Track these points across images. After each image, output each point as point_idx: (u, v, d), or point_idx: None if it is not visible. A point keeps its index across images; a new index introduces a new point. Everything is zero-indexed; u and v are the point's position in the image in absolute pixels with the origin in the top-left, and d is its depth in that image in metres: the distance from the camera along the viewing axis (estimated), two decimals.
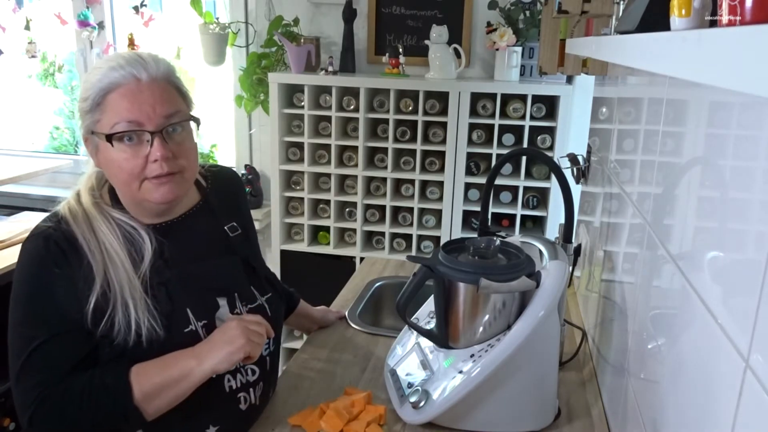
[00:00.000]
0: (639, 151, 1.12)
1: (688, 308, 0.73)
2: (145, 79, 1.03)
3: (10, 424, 2.20)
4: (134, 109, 1.01)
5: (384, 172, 2.68)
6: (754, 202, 0.58)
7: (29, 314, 1.02)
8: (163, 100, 1.03)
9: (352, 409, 1.17)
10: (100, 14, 3.02)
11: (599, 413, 1.23)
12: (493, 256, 1.16)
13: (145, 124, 1.01)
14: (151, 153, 1.02)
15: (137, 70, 1.02)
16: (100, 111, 1.02)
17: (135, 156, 1.02)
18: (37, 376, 0.99)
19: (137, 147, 1.02)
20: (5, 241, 2.11)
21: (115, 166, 1.03)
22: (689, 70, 0.46)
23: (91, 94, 1.03)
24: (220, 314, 1.12)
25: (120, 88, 1.01)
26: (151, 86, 1.03)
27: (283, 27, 2.75)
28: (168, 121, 1.03)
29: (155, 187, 1.04)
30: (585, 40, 1.27)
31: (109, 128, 1.01)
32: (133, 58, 1.05)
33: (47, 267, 1.02)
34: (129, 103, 1.01)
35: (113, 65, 1.02)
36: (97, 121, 1.03)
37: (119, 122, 1.01)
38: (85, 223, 1.06)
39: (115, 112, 1.01)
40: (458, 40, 2.68)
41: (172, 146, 1.04)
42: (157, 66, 1.05)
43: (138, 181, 1.04)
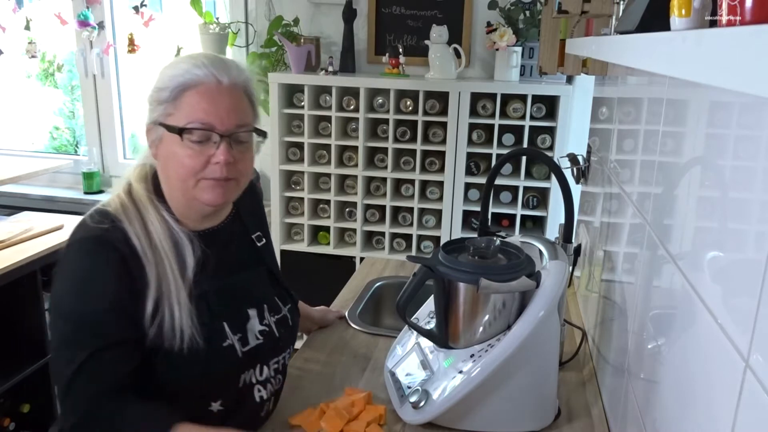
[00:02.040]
0: (639, 151, 1.12)
1: (688, 308, 0.73)
2: (226, 83, 1.03)
3: (10, 424, 2.21)
4: (210, 111, 1.02)
5: (384, 172, 2.68)
6: (754, 202, 0.58)
7: (85, 322, 0.99)
8: (237, 108, 1.05)
9: (352, 409, 1.17)
10: (100, 14, 3.02)
11: (599, 413, 1.23)
12: (493, 256, 1.16)
13: (216, 126, 1.02)
14: (215, 155, 1.02)
15: (219, 73, 1.03)
16: (174, 105, 1.03)
17: (199, 154, 1.02)
18: (91, 387, 0.97)
19: (203, 146, 1.03)
20: (5, 241, 2.11)
21: (176, 160, 1.04)
22: (689, 70, 0.46)
23: (169, 86, 1.03)
24: (251, 326, 1.13)
25: (200, 86, 1.02)
26: (230, 91, 1.04)
27: (283, 27, 2.75)
28: (237, 129, 1.04)
29: (210, 188, 1.05)
30: (585, 40, 1.27)
31: (181, 123, 1.02)
32: (218, 60, 1.06)
33: (105, 273, 1.00)
34: (206, 103, 1.02)
35: (197, 63, 1.03)
36: (170, 114, 1.03)
37: (193, 121, 1.01)
38: (137, 219, 1.04)
39: (190, 109, 1.02)
40: (458, 40, 2.68)
41: (234, 153, 1.04)
42: (238, 73, 1.06)
43: (195, 179, 1.04)
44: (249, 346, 1.11)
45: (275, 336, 1.17)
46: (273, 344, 1.16)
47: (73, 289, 1.01)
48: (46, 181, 3.21)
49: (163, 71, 1.06)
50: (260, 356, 1.13)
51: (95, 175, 3.16)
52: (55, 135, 3.74)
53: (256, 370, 1.12)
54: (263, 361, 1.14)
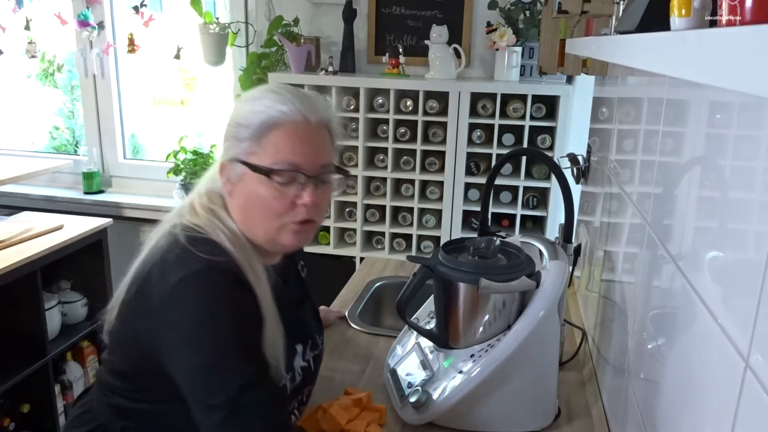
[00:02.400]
0: (639, 151, 1.12)
1: (688, 308, 0.73)
2: (313, 121, 0.99)
3: (10, 424, 2.21)
4: (297, 152, 0.97)
5: (384, 172, 2.68)
6: (754, 202, 0.58)
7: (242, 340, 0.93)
8: (323, 148, 1.01)
9: (352, 409, 1.17)
10: (100, 14, 3.02)
11: (599, 413, 1.23)
12: (493, 256, 1.16)
13: (304, 167, 0.98)
14: (301, 197, 0.98)
15: (307, 111, 0.99)
16: (258, 144, 0.98)
17: (284, 196, 0.98)
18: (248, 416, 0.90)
19: (288, 188, 0.98)
20: (5, 241, 2.11)
21: (260, 201, 0.98)
22: (689, 70, 0.46)
23: (252, 123, 0.98)
24: (296, 362, 1.09)
25: (287, 125, 0.97)
26: (318, 129, 1.00)
27: (283, 27, 2.75)
28: (323, 170, 1.01)
29: (292, 233, 1.01)
30: (585, 40, 1.27)
31: (268, 164, 0.97)
32: (303, 96, 1.01)
33: (237, 302, 0.94)
34: (294, 144, 0.98)
35: (282, 98, 0.99)
36: (252, 153, 0.98)
37: (280, 162, 0.97)
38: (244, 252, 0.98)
39: (277, 149, 0.97)
40: (458, 40, 2.68)
41: (319, 193, 1.00)
42: (324, 110, 1.02)
43: (279, 221, 1.00)
44: (294, 384, 1.08)
45: (311, 372, 1.15)
46: (308, 381, 1.14)
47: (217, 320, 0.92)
48: (46, 181, 3.21)
49: (242, 105, 1.01)
50: (297, 394, 1.11)
51: (95, 175, 3.16)
52: (55, 135, 3.74)
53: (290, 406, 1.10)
54: (296, 396, 1.11)
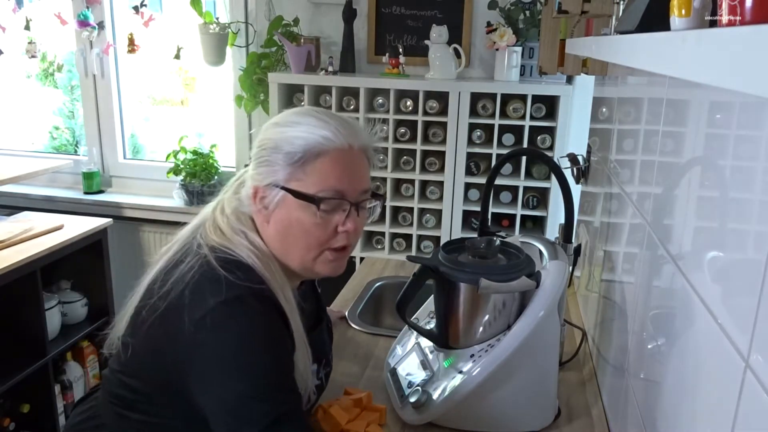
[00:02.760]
0: (639, 151, 1.12)
1: (688, 308, 0.73)
2: (357, 148, 1.00)
3: (10, 424, 2.21)
4: (344, 179, 0.97)
5: (384, 172, 2.67)
6: (754, 202, 0.58)
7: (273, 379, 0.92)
8: (364, 174, 1.01)
9: (352, 409, 1.17)
10: (100, 14, 3.02)
11: (599, 413, 1.23)
12: (493, 256, 1.16)
13: (347, 194, 0.98)
14: (344, 223, 0.98)
15: (350, 137, 0.99)
16: (303, 170, 0.96)
17: (327, 223, 0.98)
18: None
19: (331, 215, 0.98)
20: (5, 241, 2.11)
21: (302, 228, 0.97)
22: (689, 70, 0.46)
23: (294, 150, 0.96)
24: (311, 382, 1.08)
25: (332, 152, 0.97)
26: (359, 156, 1.00)
27: (283, 27, 2.75)
28: (364, 196, 1.01)
29: (330, 261, 1.01)
30: (585, 40, 1.27)
31: (313, 191, 0.96)
32: (344, 121, 1.01)
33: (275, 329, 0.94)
34: (340, 172, 0.97)
35: (324, 124, 0.98)
36: (296, 180, 0.97)
37: (326, 189, 0.96)
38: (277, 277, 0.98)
39: (323, 176, 0.96)
40: (458, 40, 2.68)
41: (360, 221, 1.01)
42: (366, 136, 1.02)
43: (320, 249, 0.99)
44: (309, 404, 1.08)
45: (323, 389, 1.15)
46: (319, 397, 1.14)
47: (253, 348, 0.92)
48: (46, 181, 3.20)
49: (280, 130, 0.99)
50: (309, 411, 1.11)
51: (95, 175, 3.16)
52: (55, 135, 3.74)
53: None
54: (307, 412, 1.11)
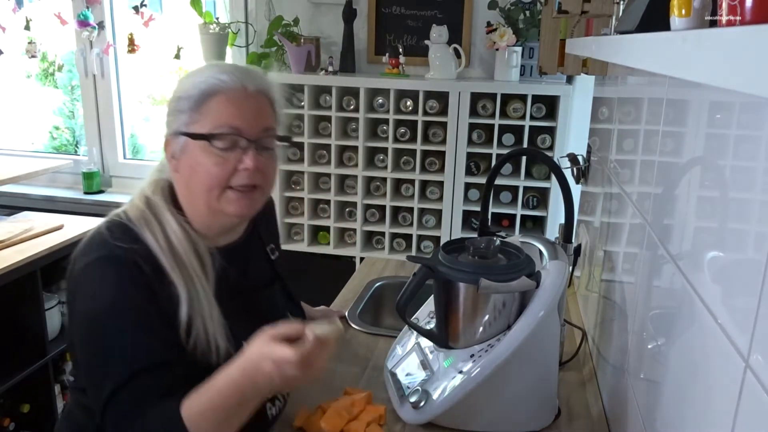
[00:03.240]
0: (639, 151, 1.12)
1: (688, 308, 0.73)
2: (252, 89, 1.02)
3: (10, 424, 2.21)
4: (238, 116, 1.00)
5: (384, 172, 2.68)
6: (754, 202, 0.58)
7: (118, 346, 0.95)
8: (264, 114, 1.03)
9: (352, 409, 1.17)
10: (100, 14, 3.02)
11: (599, 413, 1.23)
12: (493, 256, 1.16)
13: (244, 131, 1.00)
14: (243, 161, 1.00)
15: (245, 80, 1.02)
16: (199, 113, 1.00)
17: (226, 162, 1.00)
18: (125, 408, 0.93)
19: (230, 154, 1.00)
20: (5, 241, 2.11)
21: (202, 170, 1.00)
22: (689, 70, 0.46)
23: (192, 94, 1.00)
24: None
25: (226, 92, 1.00)
26: (256, 97, 1.03)
27: (283, 27, 2.75)
28: (265, 134, 1.03)
29: (235, 199, 1.02)
30: (585, 40, 1.27)
31: (208, 130, 0.99)
32: (241, 67, 1.05)
33: (128, 292, 0.96)
34: (234, 108, 1.00)
35: (221, 69, 1.02)
36: (194, 122, 1.01)
37: (221, 126, 0.99)
38: (159, 231, 1.00)
39: (217, 114, 1.00)
40: (458, 40, 2.68)
41: (262, 159, 1.02)
42: (262, 80, 1.05)
43: (221, 188, 1.01)
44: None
45: None
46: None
47: (98, 309, 0.97)
48: (46, 181, 3.20)
49: (183, 81, 1.03)
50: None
51: (95, 175, 3.16)
52: (55, 135, 3.74)
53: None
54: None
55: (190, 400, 0.91)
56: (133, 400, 0.93)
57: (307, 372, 0.89)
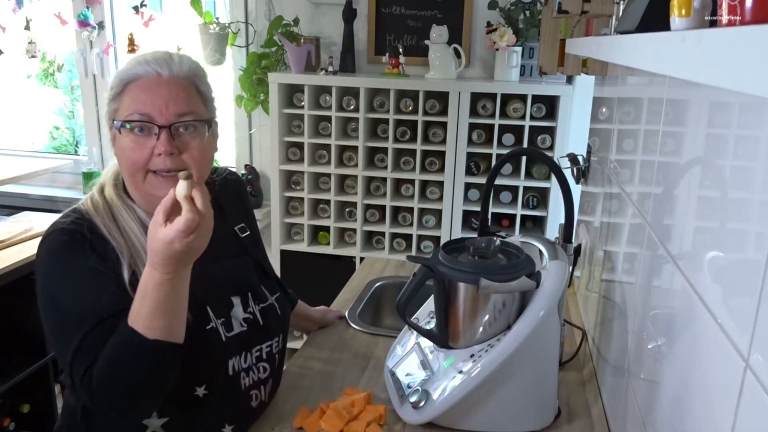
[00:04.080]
0: (639, 151, 1.12)
1: (688, 308, 0.73)
2: (166, 75, 1.06)
3: (10, 424, 2.20)
4: (148, 102, 1.04)
5: (384, 172, 2.67)
6: (754, 202, 0.58)
7: (71, 305, 1.02)
8: (178, 99, 1.06)
9: (352, 409, 1.17)
10: (100, 14, 3.02)
11: (599, 413, 1.23)
12: (493, 256, 1.16)
13: (155, 118, 1.04)
14: (156, 146, 1.04)
15: (160, 67, 1.06)
16: (119, 100, 1.06)
17: (142, 147, 1.04)
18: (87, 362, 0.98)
19: (145, 139, 1.04)
20: (5, 241, 2.11)
21: (123, 155, 1.06)
22: (689, 70, 0.46)
23: (115, 83, 1.07)
24: (235, 312, 1.14)
25: (140, 80, 1.05)
26: (169, 83, 1.06)
27: (283, 27, 2.75)
28: (179, 119, 1.05)
29: (160, 183, 1.06)
30: (585, 40, 1.27)
31: (123, 117, 1.05)
32: (161, 55, 1.08)
33: (75, 256, 1.03)
34: (145, 95, 1.04)
35: (140, 60, 1.07)
36: (116, 110, 1.06)
37: (132, 113, 1.04)
38: (106, 212, 1.08)
39: (131, 102, 1.05)
40: (458, 40, 2.68)
41: (178, 143, 1.05)
42: (180, 65, 1.08)
43: (142, 172, 1.06)
44: (233, 332, 1.12)
45: (259, 324, 1.18)
46: (257, 332, 1.17)
47: (53, 278, 1.04)
48: (46, 181, 3.20)
49: (116, 72, 1.10)
50: (245, 344, 1.14)
51: (95, 174, 3.14)
52: (55, 135, 3.74)
53: (242, 358, 1.14)
54: (248, 349, 1.15)
55: (130, 315, 0.96)
56: (94, 350, 0.97)
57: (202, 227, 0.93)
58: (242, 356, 1.14)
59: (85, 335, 0.98)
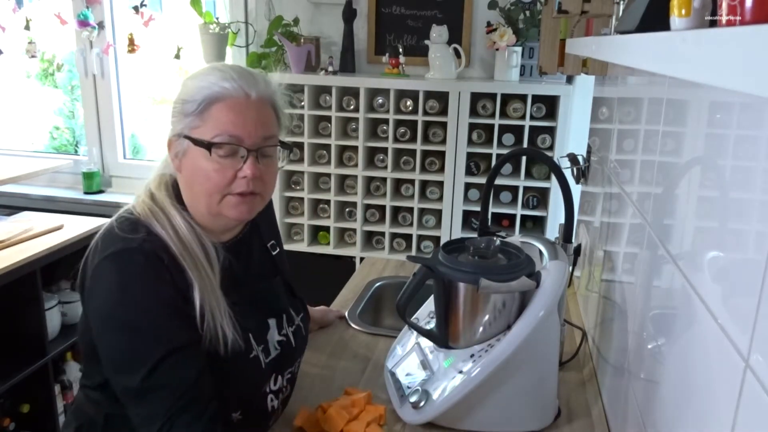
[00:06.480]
0: (639, 151, 1.12)
1: (688, 308, 0.73)
2: (254, 96, 1.02)
3: (10, 424, 2.20)
4: (239, 124, 1.00)
5: (384, 172, 2.67)
6: (754, 202, 0.58)
7: (144, 330, 0.97)
8: (265, 122, 1.03)
9: (352, 409, 1.17)
10: (100, 14, 3.02)
11: (599, 413, 1.23)
12: (493, 256, 1.16)
13: (244, 140, 1.01)
14: (242, 169, 1.01)
15: (248, 86, 1.02)
16: (201, 118, 1.01)
17: (226, 169, 1.01)
18: (164, 394, 0.95)
19: (230, 161, 1.01)
20: (5, 241, 2.11)
21: (202, 174, 1.02)
22: (689, 70, 0.46)
23: (195, 98, 1.01)
24: (271, 336, 1.13)
25: (228, 100, 1.01)
26: (257, 105, 1.03)
27: (283, 27, 2.75)
28: (264, 143, 1.03)
29: (236, 205, 1.03)
30: (585, 40, 1.27)
31: (209, 137, 1.00)
32: (246, 73, 1.05)
33: (153, 281, 0.98)
34: (235, 116, 1.00)
35: (225, 76, 1.02)
36: (196, 127, 1.01)
37: (221, 134, 1.00)
38: (168, 224, 1.02)
39: (218, 122, 1.00)
40: (458, 40, 2.68)
41: (261, 167, 1.03)
42: (266, 86, 1.05)
43: (221, 194, 1.02)
44: (270, 357, 1.11)
45: (292, 346, 1.17)
46: (290, 354, 1.16)
47: (125, 300, 0.98)
48: (46, 181, 3.20)
49: (188, 83, 1.04)
50: (278, 366, 1.13)
51: (95, 175, 3.16)
52: (55, 135, 3.74)
53: (273, 381, 1.13)
54: (279, 371, 1.14)
55: None
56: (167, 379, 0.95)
57: None
58: (274, 379, 1.13)
59: (160, 361, 0.94)
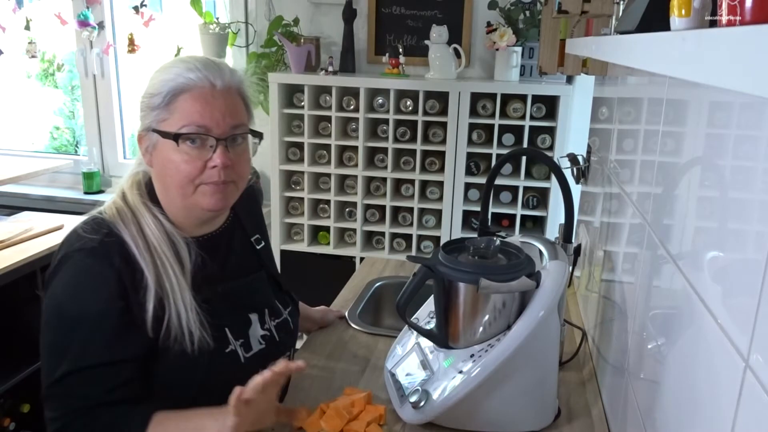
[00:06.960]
0: (639, 151, 1.12)
1: (688, 308, 0.73)
2: (220, 86, 1.02)
3: (11, 424, 2.20)
4: (205, 114, 1.01)
5: (384, 172, 2.68)
6: (754, 202, 0.58)
7: (73, 337, 0.98)
8: (232, 110, 1.03)
9: (352, 409, 1.17)
10: (100, 14, 3.02)
11: (599, 413, 1.23)
12: (493, 256, 1.16)
13: (212, 129, 1.01)
14: (212, 159, 1.01)
15: (213, 76, 1.02)
16: (168, 110, 1.01)
17: (195, 159, 1.01)
18: (67, 401, 0.96)
19: (199, 151, 1.01)
20: (5, 241, 2.11)
21: (173, 167, 1.02)
22: (689, 70, 0.46)
23: (161, 91, 1.01)
24: (253, 330, 1.13)
25: (193, 90, 1.01)
26: (223, 94, 1.03)
27: (283, 27, 2.75)
28: (233, 131, 1.03)
29: (209, 194, 1.03)
30: (585, 40, 1.27)
31: (176, 128, 1.00)
32: (211, 63, 1.05)
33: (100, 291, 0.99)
34: (201, 107, 1.01)
35: (189, 66, 1.02)
36: (163, 120, 1.02)
37: (188, 124, 1.00)
38: (133, 222, 1.03)
39: (184, 113, 1.00)
40: (458, 40, 2.68)
41: (232, 156, 1.03)
42: (231, 75, 1.05)
43: (193, 185, 1.03)
44: (252, 352, 1.11)
45: (276, 340, 1.17)
46: (274, 348, 1.16)
47: (67, 303, 0.99)
48: (46, 181, 3.20)
49: (154, 76, 1.04)
50: (262, 361, 1.13)
51: (95, 175, 3.16)
52: (55, 135, 3.74)
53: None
54: (264, 366, 1.14)
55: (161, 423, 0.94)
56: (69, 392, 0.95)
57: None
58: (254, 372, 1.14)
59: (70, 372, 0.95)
